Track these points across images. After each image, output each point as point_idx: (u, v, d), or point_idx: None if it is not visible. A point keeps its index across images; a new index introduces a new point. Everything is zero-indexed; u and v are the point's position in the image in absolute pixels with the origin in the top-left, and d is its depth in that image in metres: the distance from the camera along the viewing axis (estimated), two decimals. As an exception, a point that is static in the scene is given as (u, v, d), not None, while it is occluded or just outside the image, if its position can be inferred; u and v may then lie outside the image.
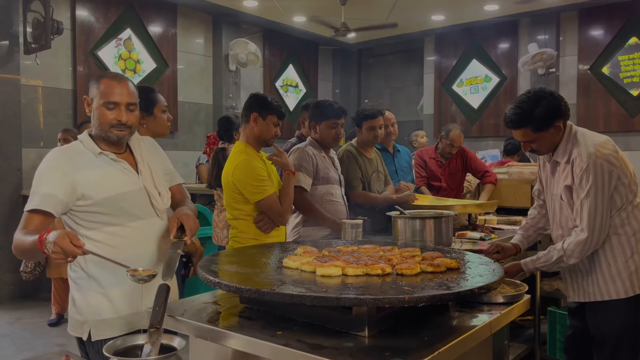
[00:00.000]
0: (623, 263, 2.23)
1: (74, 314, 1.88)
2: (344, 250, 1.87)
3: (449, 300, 1.32)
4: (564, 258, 2.20)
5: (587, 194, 2.15)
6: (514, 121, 2.26)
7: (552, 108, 2.22)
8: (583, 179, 2.17)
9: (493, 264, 1.68)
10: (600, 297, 2.25)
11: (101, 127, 1.84)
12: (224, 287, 1.41)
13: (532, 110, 2.21)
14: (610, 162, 2.17)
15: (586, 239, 2.16)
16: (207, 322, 1.50)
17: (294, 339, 1.35)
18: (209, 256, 1.80)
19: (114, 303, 1.86)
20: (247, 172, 2.56)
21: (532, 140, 2.27)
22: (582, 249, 2.18)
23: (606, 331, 2.28)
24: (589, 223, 2.15)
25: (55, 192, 1.74)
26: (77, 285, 1.87)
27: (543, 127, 2.22)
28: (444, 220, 2.45)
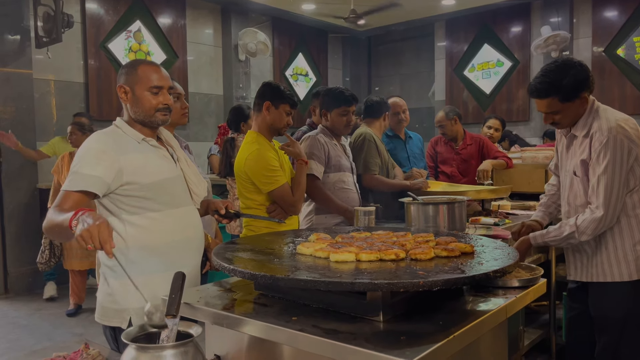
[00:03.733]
0: (631, 246, 2.18)
1: (109, 304, 1.88)
2: (357, 236, 1.87)
3: (464, 284, 1.32)
4: (576, 234, 2.14)
5: (605, 170, 2.09)
6: (541, 90, 2.18)
7: (581, 78, 2.15)
8: (601, 153, 2.10)
9: (508, 248, 1.67)
10: (604, 278, 2.21)
11: (147, 112, 1.88)
12: (238, 273, 1.42)
13: (560, 80, 2.14)
14: (630, 139, 2.11)
15: (602, 217, 2.11)
16: (223, 309, 1.52)
17: (309, 324, 1.35)
18: (223, 244, 1.81)
19: (157, 289, 1.79)
20: (259, 162, 2.57)
21: (557, 111, 2.19)
22: (596, 226, 2.12)
23: (609, 314, 2.23)
24: (605, 200, 2.09)
25: (99, 174, 1.76)
26: (115, 273, 1.86)
27: (570, 98, 2.14)
28: (457, 205, 2.43)
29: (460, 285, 1.31)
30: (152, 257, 1.87)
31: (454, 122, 4.11)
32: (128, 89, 1.88)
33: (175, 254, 1.91)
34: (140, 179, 1.83)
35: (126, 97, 1.89)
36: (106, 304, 1.88)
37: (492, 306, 1.49)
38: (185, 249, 1.95)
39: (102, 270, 1.91)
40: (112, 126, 1.93)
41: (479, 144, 4.13)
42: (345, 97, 3.00)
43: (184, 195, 1.93)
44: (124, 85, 1.89)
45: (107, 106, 6.42)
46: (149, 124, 1.92)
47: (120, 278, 1.85)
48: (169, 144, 2.02)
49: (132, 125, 1.92)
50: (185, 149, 2.61)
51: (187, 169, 2.01)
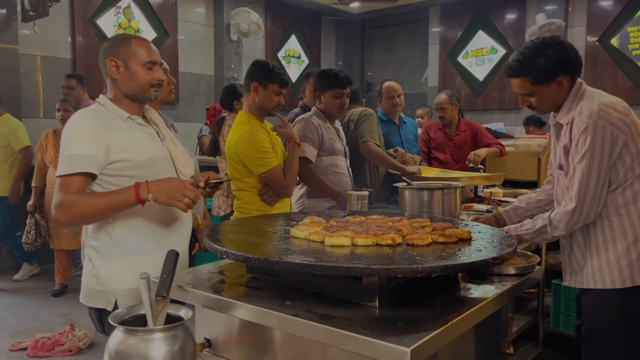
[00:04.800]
0: (623, 249, 1.91)
1: (94, 285, 1.83)
2: (352, 220, 1.83)
3: (462, 270, 1.29)
4: (548, 228, 1.92)
5: (582, 158, 1.88)
6: (512, 68, 2.00)
7: (557, 60, 1.94)
8: (580, 141, 1.89)
9: (505, 235, 1.64)
10: (594, 284, 1.96)
11: (141, 88, 1.83)
12: (231, 256, 1.38)
13: (533, 59, 1.93)
14: (615, 125, 1.87)
15: (573, 209, 1.88)
16: (214, 292, 1.48)
17: (303, 309, 1.32)
18: (214, 225, 1.77)
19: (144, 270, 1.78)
20: (251, 143, 2.51)
21: (529, 94, 2.00)
22: (568, 220, 1.89)
23: (595, 323, 2.00)
24: (580, 192, 1.87)
25: (91, 152, 1.70)
26: (100, 254, 1.82)
27: (543, 80, 1.94)
28: (452, 191, 2.41)
29: (459, 271, 1.28)
30: (140, 238, 1.82)
31: (454, 107, 4.07)
32: (120, 63, 1.82)
33: (163, 235, 1.86)
34: (128, 157, 1.78)
35: (117, 71, 1.82)
36: (91, 285, 1.83)
37: (489, 293, 1.47)
38: (174, 230, 1.90)
39: (87, 251, 1.85)
40: (96, 104, 1.86)
41: (473, 130, 4.10)
42: (339, 79, 2.94)
43: (170, 174, 1.87)
44: (115, 58, 1.82)
45: (95, 84, 6.27)
46: (141, 100, 1.87)
47: (106, 259, 1.81)
48: (154, 123, 1.96)
49: (117, 102, 1.85)
50: (170, 128, 2.55)
51: (174, 148, 1.95)
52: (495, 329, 1.63)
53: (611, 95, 2.03)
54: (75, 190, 1.68)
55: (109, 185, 1.77)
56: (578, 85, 2.01)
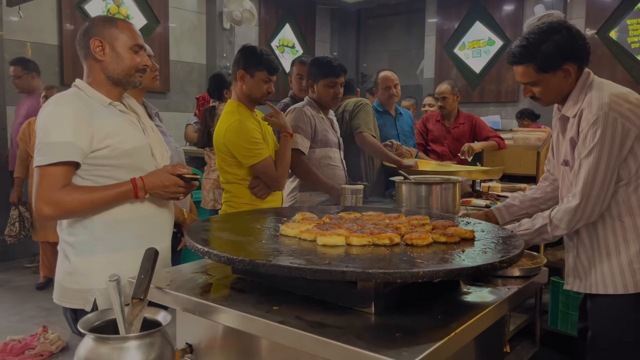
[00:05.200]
0: (637, 251, 1.79)
1: (70, 284, 1.71)
2: (346, 217, 1.71)
3: (468, 274, 1.18)
4: (548, 228, 1.80)
5: (590, 153, 1.74)
6: (515, 55, 1.85)
7: (565, 46, 1.79)
8: (588, 134, 1.75)
9: (511, 234, 1.53)
10: (604, 289, 1.83)
11: (127, 72, 1.74)
12: (213, 257, 1.26)
13: (538, 45, 1.79)
14: (627, 117, 1.73)
15: (576, 206, 1.75)
16: (195, 295, 1.36)
17: (291, 315, 1.20)
18: (198, 222, 1.65)
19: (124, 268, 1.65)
20: (240, 133, 2.38)
21: (534, 83, 1.85)
22: (570, 218, 1.77)
23: (602, 330, 1.87)
24: (584, 188, 1.75)
25: (75, 140, 1.58)
26: (77, 250, 1.70)
27: (548, 68, 1.80)
28: (452, 186, 2.29)
29: (464, 276, 1.17)
30: (120, 233, 1.70)
31: (456, 99, 3.97)
32: (106, 44, 1.71)
33: (145, 230, 1.74)
34: (112, 145, 1.67)
35: (102, 52, 1.71)
36: (67, 284, 1.70)
37: (494, 298, 1.36)
38: (156, 225, 1.78)
39: (61, 247, 1.73)
40: (73, 88, 1.73)
41: (472, 123, 3.98)
42: (332, 67, 2.81)
43: (150, 165, 1.76)
44: (100, 38, 1.70)
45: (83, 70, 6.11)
46: (125, 85, 1.77)
47: (83, 255, 1.68)
48: (134, 111, 1.83)
49: (98, 87, 1.73)
50: (155, 117, 2.41)
51: (154, 138, 1.84)
52: (497, 335, 1.53)
53: (621, 86, 1.89)
54: (64, 183, 1.58)
55: (89, 176, 1.65)
56: (586, 74, 1.87)
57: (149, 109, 2.45)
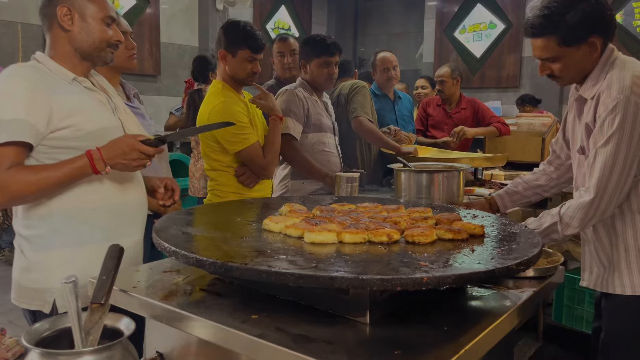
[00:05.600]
0: None
1: (27, 282, 1.53)
2: (339, 209, 1.53)
3: (481, 280, 0.99)
4: (558, 226, 1.61)
5: (607, 142, 1.57)
6: (535, 26, 1.63)
7: (592, 16, 1.59)
8: (607, 121, 1.57)
9: (525, 230, 1.35)
10: (621, 289, 1.67)
11: (97, 45, 1.56)
12: (181, 257, 1.07)
13: (563, 14, 1.58)
14: None
15: (590, 202, 1.57)
16: (163, 299, 1.17)
17: (272, 326, 1.02)
18: (171, 214, 1.46)
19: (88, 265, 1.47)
20: (225, 117, 2.19)
21: (554, 58, 1.65)
22: (583, 215, 1.58)
23: (617, 332, 1.72)
24: (600, 181, 1.56)
25: (28, 118, 1.39)
26: (34, 245, 1.52)
27: (573, 41, 1.60)
28: (455, 174, 2.11)
29: (476, 282, 0.99)
30: (82, 225, 1.52)
31: (455, 83, 3.77)
32: (75, 12, 1.52)
33: (112, 221, 1.56)
34: (75, 125, 1.48)
35: (71, 21, 1.52)
36: (24, 283, 1.52)
37: (507, 304, 1.18)
38: (125, 216, 1.60)
39: (17, 242, 1.55)
40: (32, 61, 1.54)
41: (474, 108, 3.79)
42: (326, 45, 2.61)
43: None
44: (68, 6, 1.51)
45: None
46: (94, 59, 1.59)
47: (42, 250, 1.50)
48: (104, 89, 1.64)
49: (61, 60, 1.55)
50: (134, 98, 2.22)
51: (127, 119, 1.65)
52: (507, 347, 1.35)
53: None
54: (10, 164, 1.38)
55: (48, 160, 1.46)
56: (609, 51, 1.66)
57: (128, 89, 2.25)
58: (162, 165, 2.26)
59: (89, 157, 1.44)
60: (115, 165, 1.47)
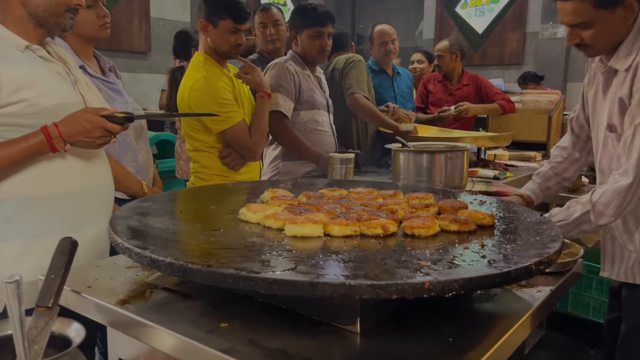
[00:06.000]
0: None
1: None
2: (328, 195, 1.36)
3: (495, 285, 0.82)
4: (591, 215, 1.43)
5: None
6: None
7: None
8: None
9: (540, 218, 1.18)
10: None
11: (55, 10, 1.38)
12: (134, 256, 0.90)
13: None
14: None
15: (628, 186, 1.39)
16: (119, 302, 1.00)
17: (244, 338, 0.86)
18: (135, 202, 1.28)
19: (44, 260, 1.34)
20: (207, 93, 2.00)
21: (586, 24, 1.46)
22: (620, 202, 1.41)
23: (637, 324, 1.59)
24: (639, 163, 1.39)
25: None
26: None
27: (609, 3, 1.43)
28: (459, 155, 1.93)
29: (489, 286, 0.82)
30: (39, 214, 1.35)
31: (454, 58, 3.57)
32: None
33: (72, 210, 1.39)
34: (29, 100, 1.31)
35: None
36: None
37: (521, 307, 1.01)
38: (88, 203, 1.43)
39: None
40: None
41: (477, 84, 3.59)
42: (317, 15, 2.40)
43: None
44: None
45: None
46: (51, 27, 1.40)
47: None
48: (62, 60, 1.45)
49: (11, 26, 1.36)
50: (110, 72, 2.02)
51: (89, 94, 1.46)
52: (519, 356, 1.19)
53: None
54: None
55: None
56: None
57: (102, 63, 2.05)
58: (140, 146, 2.07)
59: (45, 134, 1.29)
60: (76, 142, 1.32)
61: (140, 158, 2.02)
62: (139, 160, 2.01)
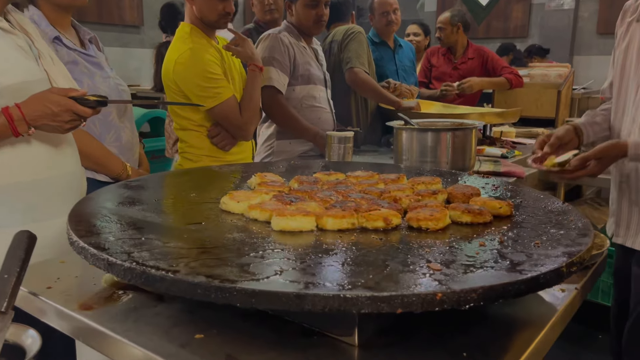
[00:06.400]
0: None
1: None
2: (323, 179, 1.21)
3: (520, 293, 0.68)
4: None
5: None
6: None
7: None
8: None
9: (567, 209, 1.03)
10: None
11: None
12: (90, 257, 0.76)
13: None
14: None
15: None
16: (81, 308, 0.87)
17: (221, 353, 0.72)
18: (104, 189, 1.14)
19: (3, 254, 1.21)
20: (193, 67, 1.84)
21: None
22: None
23: None
24: None
25: None
26: None
27: None
28: (468, 133, 1.78)
29: (513, 296, 0.68)
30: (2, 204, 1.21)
31: (456, 30, 3.39)
32: None
33: (38, 201, 1.25)
34: None
35: None
36: None
37: (543, 311, 0.88)
38: (54, 194, 1.28)
39: None
40: None
41: (483, 57, 3.41)
42: None
43: None
44: None
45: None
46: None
47: None
48: (24, 31, 1.30)
49: None
50: (90, 44, 1.86)
51: (54, 70, 1.31)
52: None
53: None
54: None
55: None
56: None
57: (82, 34, 1.89)
58: (124, 125, 1.92)
59: (6, 116, 1.15)
60: (41, 126, 1.19)
61: (124, 137, 1.87)
62: (123, 140, 1.87)
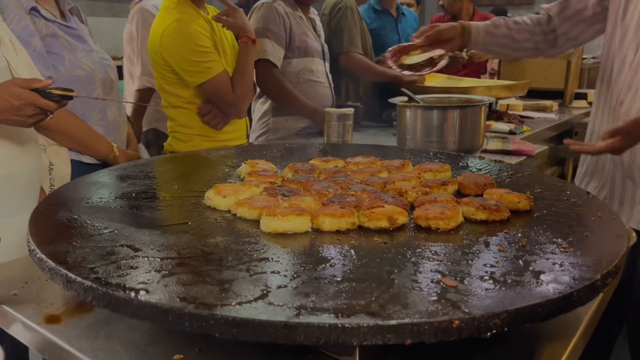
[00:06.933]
0: None
1: None
2: (321, 167, 1.10)
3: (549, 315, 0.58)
4: None
5: None
6: None
7: None
8: None
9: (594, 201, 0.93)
10: None
11: None
12: (47, 271, 0.66)
13: None
14: None
15: None
16: (47, 320, 0.77)
17: (202, 380, 0.63)
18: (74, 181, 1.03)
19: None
20: (182, 40, 1.71)
21: None
22: None
23: None
24: None
25: None
26: None
27: None
28: (477, 111, 1.65)
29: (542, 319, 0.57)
30: None
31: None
32: None
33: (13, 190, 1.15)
34: None
35: None
36: None
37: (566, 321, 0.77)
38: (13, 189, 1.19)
39: None
40: None
41: (489, 25, 3.24)
42: None
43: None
44: None
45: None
46: None
47: None
48: None
49: None
50: (72, 15, 1.72)
51: (15, 58, 1.19)
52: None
53: None
54: None
55: None
56: None
57: (62, 3, 1.74)
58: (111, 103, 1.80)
59: None
60: (2, 120, 1.11)
61: (110, 116, 1.75)
62: (109, 118, 1.74)
